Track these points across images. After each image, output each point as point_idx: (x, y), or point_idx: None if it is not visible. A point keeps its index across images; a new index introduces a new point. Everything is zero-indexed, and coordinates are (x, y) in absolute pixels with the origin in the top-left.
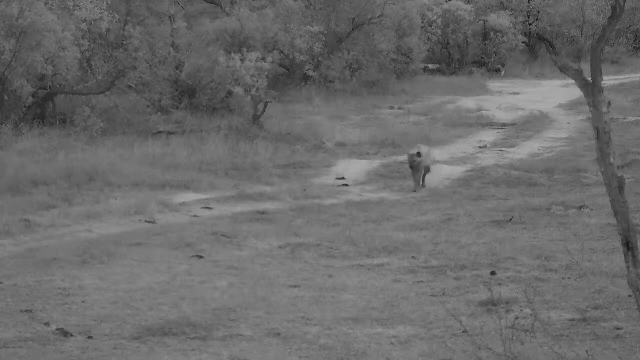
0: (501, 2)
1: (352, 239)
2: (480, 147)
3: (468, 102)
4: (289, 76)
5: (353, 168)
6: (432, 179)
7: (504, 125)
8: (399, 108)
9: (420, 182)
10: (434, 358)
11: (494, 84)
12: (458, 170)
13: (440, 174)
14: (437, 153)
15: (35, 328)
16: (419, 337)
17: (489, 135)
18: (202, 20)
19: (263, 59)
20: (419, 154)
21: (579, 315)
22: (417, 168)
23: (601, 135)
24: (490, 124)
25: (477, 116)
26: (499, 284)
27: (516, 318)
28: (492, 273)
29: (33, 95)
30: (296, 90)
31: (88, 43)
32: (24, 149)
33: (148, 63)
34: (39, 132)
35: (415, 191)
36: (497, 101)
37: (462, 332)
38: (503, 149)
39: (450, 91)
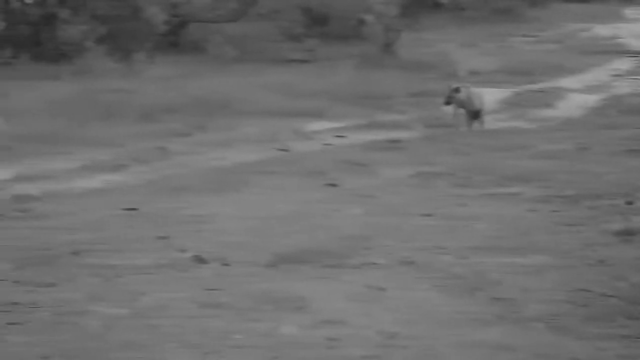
0: None
1: (485, 168)
2: (615, 75)
3: (603, 30)
4: (420, 4)
5: (485, 97)
6: (565, 108)
7: (639, 53)
8: (533, 36)
9: (467, 124)
10: (569, 287)
11: (630, 12)
12: (592, 99)
13: (574, 102)
14: (571, 81)
15: (171, 255)
16: (553, 267)
17: (624, 64)
18: None
19: None
20: (457, 90)
21: None
22: (457, 106)
23: None
24: (625, 52)
25: (612, 44)
26: (636, 214)
27: None
28: (629, 203)
29: (166, 24)
30: (428, 18)
31: None
32: (158, 77)
33: None
34: (172, 60)
35: (459, 129)
36: (633, 29)
37: (598, 262)
38: (639, 77)
39: (585, 19)
